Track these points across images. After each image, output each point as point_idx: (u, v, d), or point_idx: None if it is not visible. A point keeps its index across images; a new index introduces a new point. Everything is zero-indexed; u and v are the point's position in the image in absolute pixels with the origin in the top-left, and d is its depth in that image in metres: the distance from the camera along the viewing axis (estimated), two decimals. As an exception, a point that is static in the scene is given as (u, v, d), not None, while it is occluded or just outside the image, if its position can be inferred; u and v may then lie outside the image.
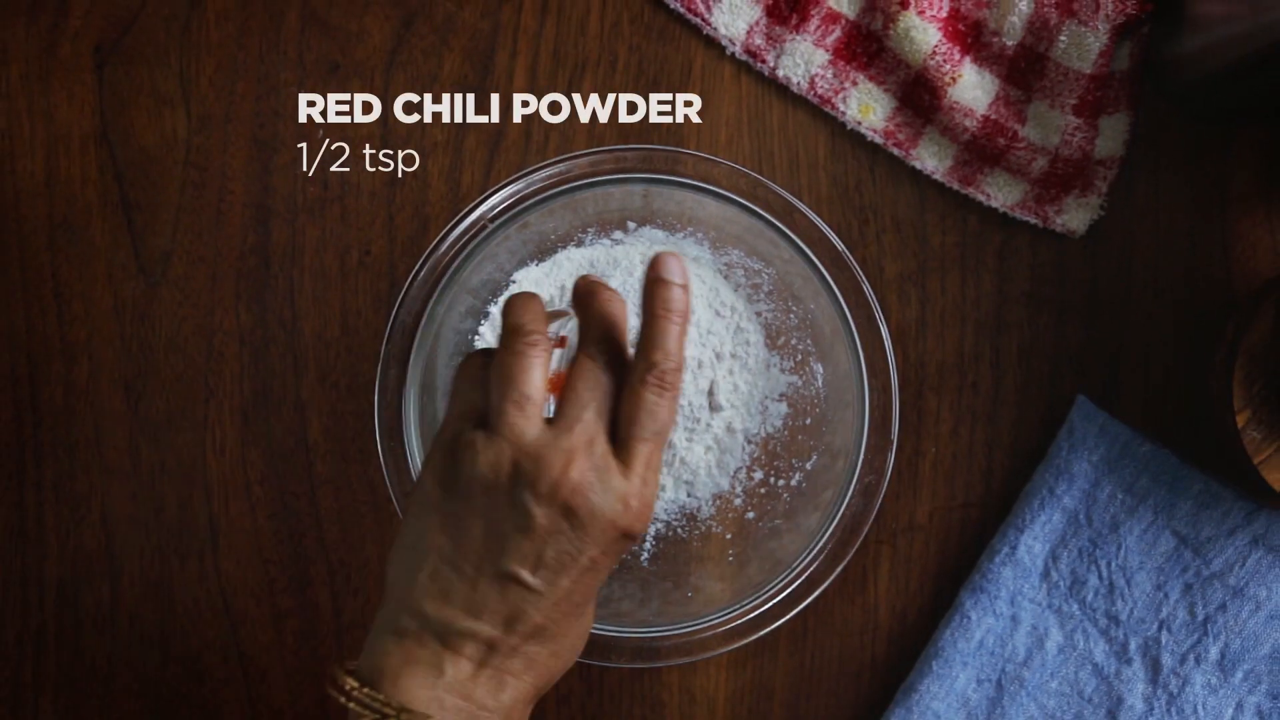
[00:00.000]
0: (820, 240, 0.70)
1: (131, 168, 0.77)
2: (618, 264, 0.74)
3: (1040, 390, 0.76)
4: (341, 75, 0.77)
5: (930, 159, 0.76)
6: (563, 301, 0.74)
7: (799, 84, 0.76)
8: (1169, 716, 0.73)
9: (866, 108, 0.76)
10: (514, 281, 0.73)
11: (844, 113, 0.76)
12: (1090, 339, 0.76)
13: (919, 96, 0.75)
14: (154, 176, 0.77)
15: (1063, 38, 0.73)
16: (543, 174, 0.70)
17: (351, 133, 0.77)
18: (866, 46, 0.76)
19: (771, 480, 0.76)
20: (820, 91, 0.76)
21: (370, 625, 0.77)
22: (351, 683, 0.53)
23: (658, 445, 0.53)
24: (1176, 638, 0.74)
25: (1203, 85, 0.72)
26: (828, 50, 0.76)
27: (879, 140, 0.76)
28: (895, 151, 0.76)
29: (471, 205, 0.70)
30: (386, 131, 0.77)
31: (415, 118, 0.77)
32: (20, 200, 0.78)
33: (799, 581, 0.70)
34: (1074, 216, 0.75)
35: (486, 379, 0.54)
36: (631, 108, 0.77)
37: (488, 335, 0.75)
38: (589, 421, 0.53)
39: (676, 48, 0.77)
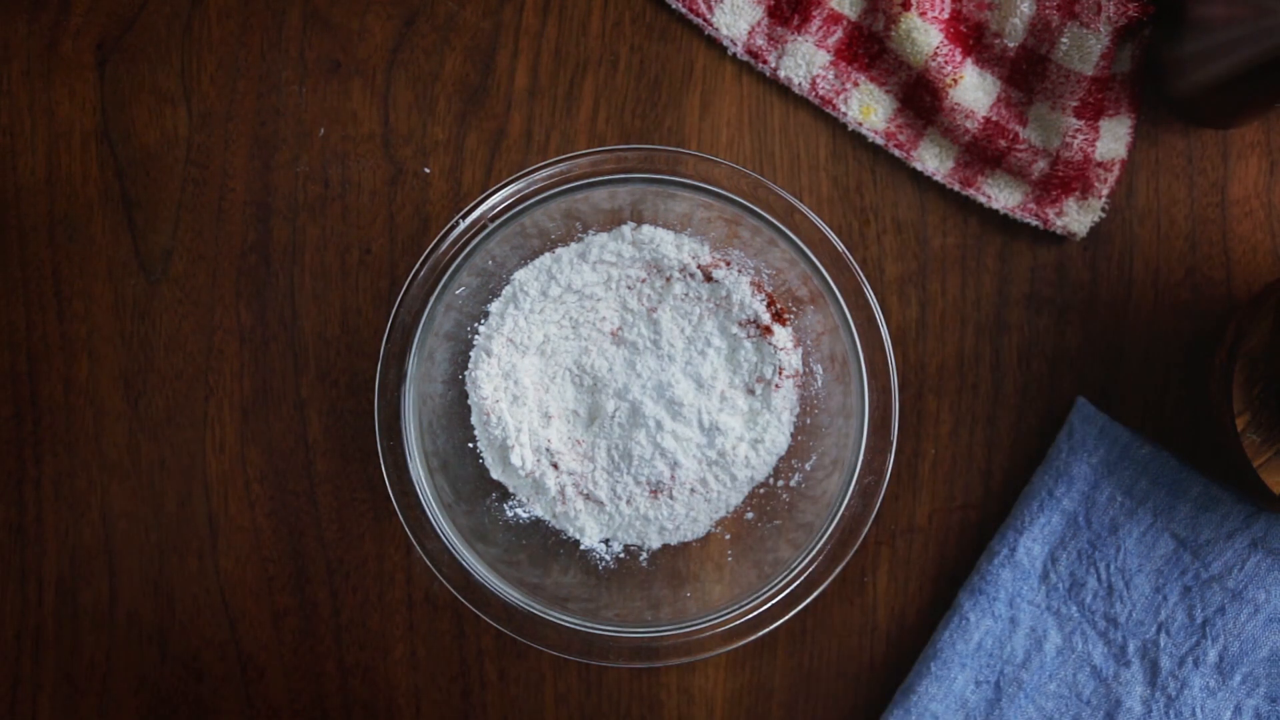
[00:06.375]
0: (821, 241, 0.70)
1: (132, 165, 0.77)
2: (620, 258, 0.74)
3: (1040, 392, 0.76)
4: (343, 73, 0.77)
5: (931, 160, 0.76)
6: (566, 296, 0.74)
7: (800, 85, 0.76)
8: (1167, 719, 0.73)
9: (868, 109, 0.76)
10: (514, 280, 0.73)
11: (845, 114, 0.76)
12: (1090, 341, 0.76)
13: (920, 98, 0.75)
14: (155, 174, 0.77)
15: (1064, 40, 0.73)
16: (543, 173, 0.70)
17: (352, 131, 0.77)
18: (868, 48, 0.76)
19: (771, 480, 0.75)
20: (821, 92, 0.76)
21: (368, 625, 0.77)
22: None
23: None
24: (1175, 640, 0.74)
25: (1204, 88, 0.72)
26: (829, 51, 0.76)
27: (880, 141, 0.76)
28: (896, 153, 0.76)
29: (472, 204, 0.70)
30: (387, 130, 0.77)
31: (417, 116, 0.77)
32: (21, 197, 0.78)
33: (798, 582, 0.70)
34: (1074, 219, 0.75)
35: None
36: (633, 107, 0.77)
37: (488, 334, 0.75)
38: None
39: (678, 48, 0.77)
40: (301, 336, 0.77)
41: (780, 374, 0.74)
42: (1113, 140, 0.74)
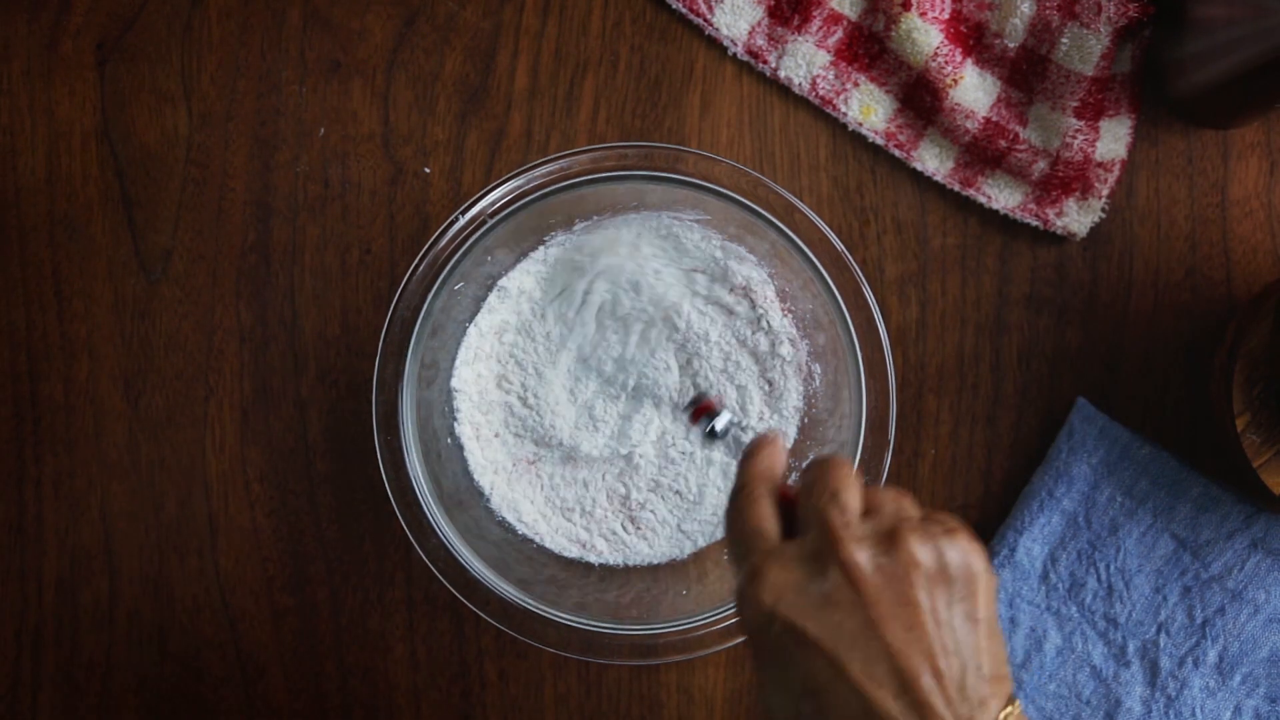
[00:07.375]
0: (820, 241, 0.70)
1: (133, 165, 0.77)
2: (615, 255, 0.74)
3: (1040, 392, 0.76)
4: (343, 73, 0.77)
5: (931, 160, 0.76)
6: (554, 292, 0.74)
7: (800, 85, 0.76)
8: (1167, 719, 0.73)
9: (868, 109, 0.76)
10: (514, 275, 0.73)
11: (845, 114, 0.76)
12: (1090, 341, 0.76)
13: (920, 98, 0.75)
14: (155, 174, 0.77)
15: (1064, 40, 0.73)
16: (544, 170, 0.70)
17: (353, 131, 0.77)
18: (868, 48, 0.76)
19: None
20: (822, 92, 0.76)
21: (368, 625, 0.77)
22: None
23: None
24: (1175, 640, 0.73)
25: (1204, 88, 0.72)
26: (829, 51, 0.76)
27: (880, 141, 0.76)
28: (896, 153, 0.76)
29: (472, 200, 0.69)
30: (388, 130, 0.77)
31: (417, 116, 0.77)
32: (21, 197, 0.78)
33: (797, 582, 0.70)
34: (1074, 219, 0.75)
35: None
36: (633, 107, 0.77)
37: (482, 329, 0.75)
38: None
39: (678, 48, 0.77)
40: (301, 336, 0.77)
41: (783, 374, 0.74)
42: (1113, 140, 0.74)
